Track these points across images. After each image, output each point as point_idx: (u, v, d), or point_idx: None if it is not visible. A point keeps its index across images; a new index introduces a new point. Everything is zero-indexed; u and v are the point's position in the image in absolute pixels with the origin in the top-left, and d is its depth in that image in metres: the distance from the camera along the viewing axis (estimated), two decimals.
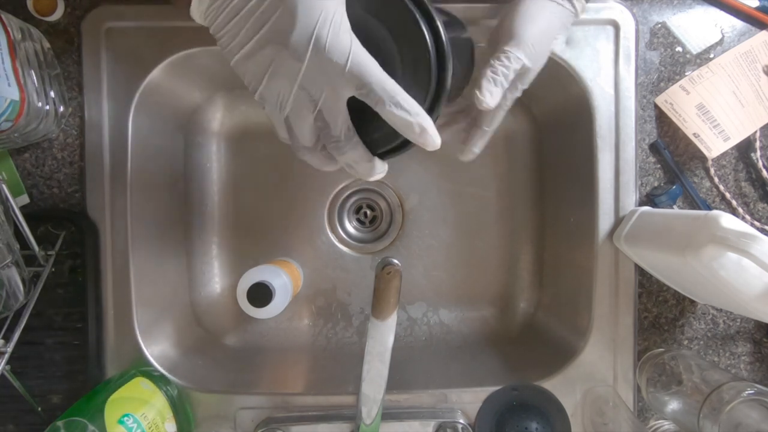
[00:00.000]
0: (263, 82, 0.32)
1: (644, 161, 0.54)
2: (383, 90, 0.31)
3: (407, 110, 0.31)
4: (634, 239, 0.50)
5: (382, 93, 0.31)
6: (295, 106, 0.33)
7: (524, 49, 0.41)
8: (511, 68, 0.41)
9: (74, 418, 0.42)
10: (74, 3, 0.51)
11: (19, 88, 0.44)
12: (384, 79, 0.31)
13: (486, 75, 0.40)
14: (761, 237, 0.37)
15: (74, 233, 0.52)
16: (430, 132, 0.32)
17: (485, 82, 0.40)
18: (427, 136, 0.32)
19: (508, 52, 0.41)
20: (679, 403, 0.48)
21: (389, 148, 0.35)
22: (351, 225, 0.69)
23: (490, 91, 0.40)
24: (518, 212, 0.67)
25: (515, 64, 0.41)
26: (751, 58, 0.53)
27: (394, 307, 0.40)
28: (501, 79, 0.40)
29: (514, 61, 0.41)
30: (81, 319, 0.52)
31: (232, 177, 0.66)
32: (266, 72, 0.32)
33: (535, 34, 0.41)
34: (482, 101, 0.40)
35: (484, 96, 0.40)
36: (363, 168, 0.36)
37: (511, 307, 0.68)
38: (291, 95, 0.32)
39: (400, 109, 0.31)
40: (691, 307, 0.55)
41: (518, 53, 0.41)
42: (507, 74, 0.40)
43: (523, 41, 0.41)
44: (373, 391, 0.43)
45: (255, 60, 0.32)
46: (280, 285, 0.54)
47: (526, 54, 0.41)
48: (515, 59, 0.41)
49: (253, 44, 0.31)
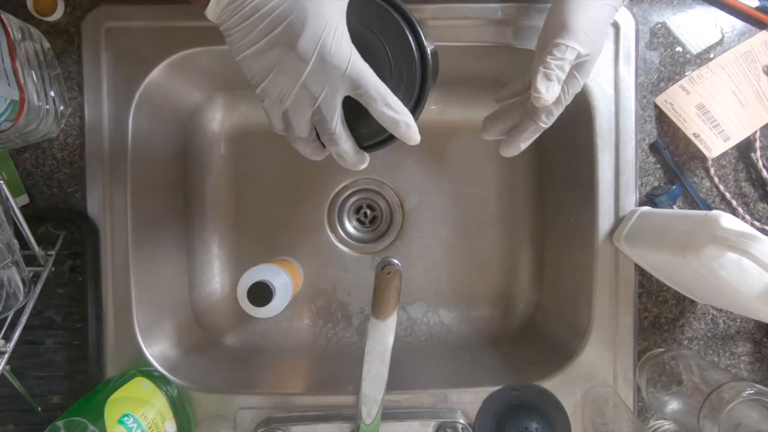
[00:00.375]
0: (268, 77, 0.35)
1: (644, 161, 0.54)
2: (377, 92, 0.36)
3: (396, 110, 0.36)
4: (634, 239, 0.50)
5: (375, 94, 0.36)
6: (296, 101, 0.36)
7: (577, 38, 0.40)
8: (566, 60, 0.40)
9: (74, 418, 0.42)
10: (74, 3, 0.51)
11: (19, 88, 0.44)
12: (378, 83, 0.36)
13: (539, 72, 0.40)
14: (761, 237, 0.37)
15: (74, 233, 0.52)
16: (413, 129, 0.38)
17: (540, 78, 0.40)
18: (411, 132, 0.37)
19: (559, 44, 0.40)
20: (679, 403, 0.48)
21: (374, 142, 0.41)
22: (351, 225, 0.69)
23: (546, 86, 0.40)
24: (518, 212, 0.67)
25: (570, 55, 0.40)
26: (751, 58, 0.53)
27: (394, 307, 0.40)
28: (556, 72, 0.40)
29: (568, 53, 0.40)
30: (81, 319, 0.52)
31: (232, 177, 0.66)
32: (272, 69, 0.35)
33: (586, 22, 0.40)
34: (540, 98, 0.40)
35: (540, 93, 0.40)
36: (351, 158, 0.40)
37: (511, 307, 0.68)
38: (293, 92, 0.36)
39: (390, 108, 0.36)
40: (691, 307, 0.55)
41: (571, 43, 0.40)
42: (562, 66, 0.40)
43: (575, 30, 0.40)
44: (373, 391, 0.43)
45: (263, 58, 0.35)
46: (281, 284, 0.54)
47: (580, 42, 0.40)
48: (569, 50, 0.40)
49: (263, 43, 0.34)
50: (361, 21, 0.37)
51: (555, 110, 0.45)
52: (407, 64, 0.38)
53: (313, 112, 0.37)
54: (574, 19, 0.40)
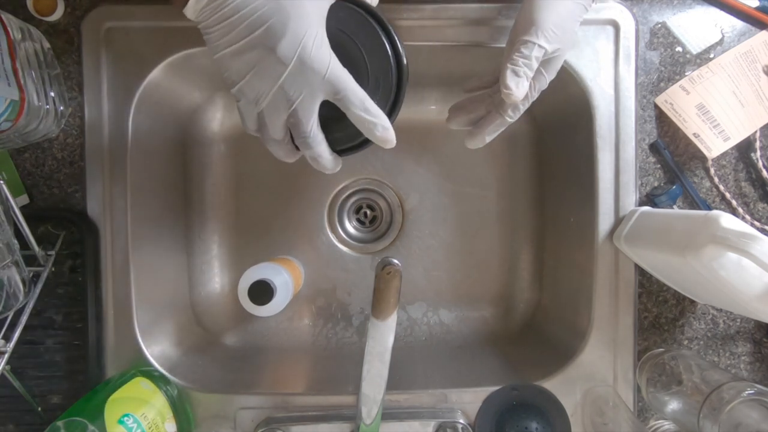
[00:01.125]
0: (245, 78, 0.36)
1: (644, 161, 0.54)
2: (355, 96, 0.37)
3: (373, 114, 0.37)
4: (634, 239, 0.50)
5: (354, 99, 0.37)
6: (272, 103, 0.37)
7: (545, 35, 0.41)
8: (533, 56, 0.41)
9: (74, 418, 0.42)
10: (74, 3, 0.51)
11: (19, 88, 0.44)
12: (356, 87, 0.37)
13: (507, 68, 0.41)
14: (761, 237, 0.37)
15: (74, 233, 0.52)
16: (389, 131, 0.38)
17: (509, 74, 0.40)
18: (387, 134, 0.38)
19: (527, 41, 0.41)
20: (679, 403, 0.48)
21: (348, 146, 0.42)
22: (351, 225, 0.69)
23: (515, 83, 0.41)
24: (518, 212, 0.67)
25: (537, 52, 0.41)
26: (751, 58, 0.53)
27: (394, 307, 0.40)
28: (524, 69, 0.41)
29: (535, 50, 0.41)
30: (81, 319, 0.52)
31: (232, 177, 0.66)
32: (250, 70, 0.35)
33: (554, 20, 0.41)
34: (510, 94, 0.41)
35: (510, 89, 0.40)
36: (324, 161, 0.40)
37: (511, 307, 0.68)
38: (270, 93, 0.36)
39: (367, 113, 0.37)
40: (691, 307, 0.55)
41: (539, 41, 0.41)
42: (530, 63, 0.41)
43: (543, 28, 0.41)
44: (373, 391, 0.43)
45: (241, 58, 0.35)
46: (281, 283, 0.54)
47: (548, 40, 0.41)
48: (536, 48, 0.41)
49: (242, 44, 0.35)
50: (339, 27, 0.38)
51: (522, 105, 0.45)
52: (383, 70, 0.39)
53: (288, 115, 0.37)
54: (542, 17, 0.41)
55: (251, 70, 0.35)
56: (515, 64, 0.41)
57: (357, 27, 0.38)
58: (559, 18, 0.41)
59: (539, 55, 0.41)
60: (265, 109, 0.37)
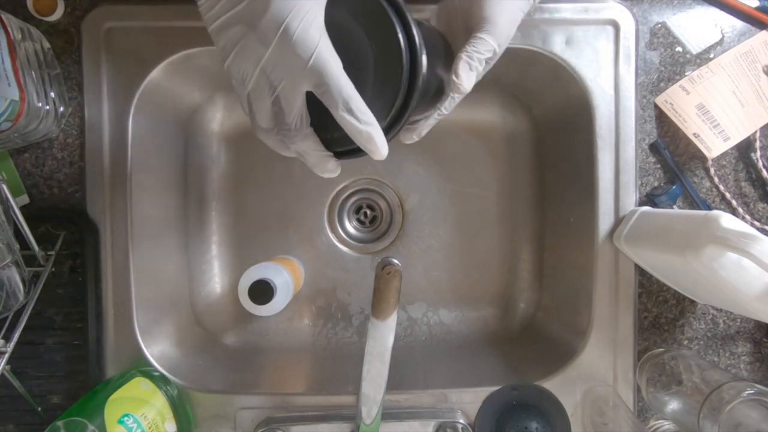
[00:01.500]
0: (230, 56, 0.33)
1: (644, 161, 0.54)
2: (338, 93, 0.32)
3: (357, 117, 0.32)
4: (634, 239, 0.50)
5: (337, 96, 0.32)
6: (256, 87, 0.33)
7: (497, 36, 0.40)
8: (485, 55, 0.40)
9: (74, 418, 0.42)
10: (74, 3, 0.51)
11: (19, 88, 0.44)
12: (343, 83, 0.32)
13: (462, 59, 0.40)
14: (761, 237, 0.37)
15: (74, 233, 0.52)
16: (377, 142, 0.33)
17: (463, 66, 0.39)
18: (374, 145, 0.33)
19: (483, 39, 0.40)
20: (679, 403, 0.48)
21: (348, 149, 0.36)
22: (351, 225, 0.69)
23: (467, 75, 0.39)
24: (518, 212, 0.67)
25: (488, 51, 0.40)
26: (751, 58, 0.53)
27: (394, 307, 0.40)
28: (476, 64, 0.40)
29: (487, 48, 0.40)
30: (81, 319, 0.52)
31: (232, 177, 0.66)
32: (233, 48, 0.32)
33: (506, 21, 0.41)
34: (461, 85, 0.39)
35: (461, 80, 0.39)
36: (313, 159, 0.37)
37: (511, 307, 0.68)
38: (253, 76, 0.33)
39: (350, 114, 0.32)
40: (691, 307, 0.55)
41: (492, 40, 0.40)
42: (482, 59, 0.40)
43: (497, 28, 0.40)
44: (373, 391, 0.42)
45: (226, 34, 0.32)
46: (282, 282, 0.54)
47: (499, 42, 0.40)
48: (488, 46, 0.40)
49: (225, 18, 0.32)
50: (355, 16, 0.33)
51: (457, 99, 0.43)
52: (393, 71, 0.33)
53: (272, 102, 0.34)
54: (496, 16, 0.40)
55: (234, 47, 0.32)
56: (470, 57, 0.39)
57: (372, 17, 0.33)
58: (508, 19, 0.41)
59: (489, 54, 0.40)
60: (250, 93, 0.34)
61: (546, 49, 0.53)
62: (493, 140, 0.67)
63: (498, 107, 0.66)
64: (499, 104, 0.66)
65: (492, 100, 0.66)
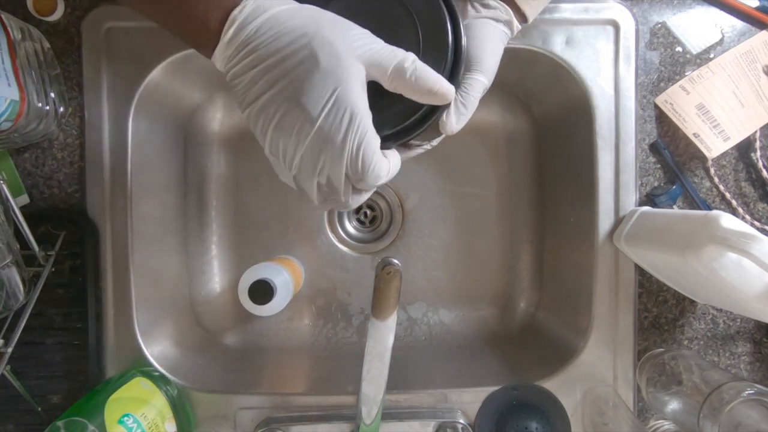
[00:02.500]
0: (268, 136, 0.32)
1: (644, 161, 0.54)
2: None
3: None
4: (634, 239, 0.50)
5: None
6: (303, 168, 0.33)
7: (488, 75, 0.39)
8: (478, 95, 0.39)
9: (74, 418, 0.42)
10: (74, 3, 0.51)
11: (19, 88, 0.44)
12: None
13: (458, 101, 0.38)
14: (761, 237, 0.37)
15: (74, 233, 0.52)
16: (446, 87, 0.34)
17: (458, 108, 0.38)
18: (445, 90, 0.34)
19: (477, 80, 0.39)
20: (679, 403, 0.48)
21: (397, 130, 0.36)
22: (351, 225, 0.69)
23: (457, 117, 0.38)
24: (518, 212, 0.67)
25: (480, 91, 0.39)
26: (751, 58, 0.53)
27: (394, 307, 0.40)
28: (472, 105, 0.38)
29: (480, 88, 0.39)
30: (81, 319, 0.52)
31: (232, 177, 0.66)
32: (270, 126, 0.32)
33: (494, 60, 0.40)
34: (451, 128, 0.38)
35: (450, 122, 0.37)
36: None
37: (511, 307, 0.68)
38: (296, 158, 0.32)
39: None
40: (691, 307, 0.55)
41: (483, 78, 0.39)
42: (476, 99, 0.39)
43: (487, 67, 0.39)
44: (373, 391, 0.43)
45: (266, 113, 0.31)
46: (282, 282, 0.54)
47: (489, 79, 0.40)
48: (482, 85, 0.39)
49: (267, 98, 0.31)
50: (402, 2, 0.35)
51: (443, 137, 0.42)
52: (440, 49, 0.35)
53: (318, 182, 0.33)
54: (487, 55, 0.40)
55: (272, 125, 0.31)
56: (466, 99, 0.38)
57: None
58: (493, 58, 0.40)
59: (481, 94, 0.39)
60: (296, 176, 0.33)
61: (546, 49, 0.53)
62: (493, 140, 0.67)
63: (498, 107, 0.66)
64: (499, 104, 0.66)
65: (492, 100, 0.66)
